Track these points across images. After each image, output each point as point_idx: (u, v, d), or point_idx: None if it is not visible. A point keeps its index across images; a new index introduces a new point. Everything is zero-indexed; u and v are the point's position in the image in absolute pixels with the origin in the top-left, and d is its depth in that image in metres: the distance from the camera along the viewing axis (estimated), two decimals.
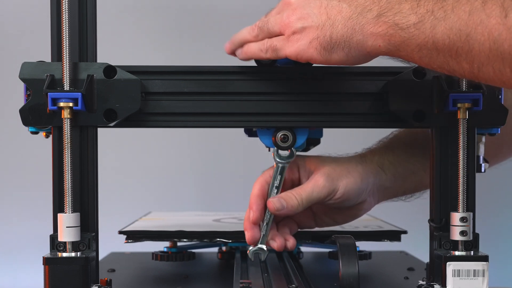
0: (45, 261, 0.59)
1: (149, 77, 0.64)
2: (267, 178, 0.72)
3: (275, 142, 0.68)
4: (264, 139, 0.70)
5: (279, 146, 0.68)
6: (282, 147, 0.68)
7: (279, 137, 0.68)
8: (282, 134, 0.68)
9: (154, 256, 0.81)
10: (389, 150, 0.77)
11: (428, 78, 0.63)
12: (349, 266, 0.58)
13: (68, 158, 0.60)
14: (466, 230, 0.61)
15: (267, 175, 0.72)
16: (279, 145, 0.68)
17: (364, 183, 0.72)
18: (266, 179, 0.72)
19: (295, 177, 0.73)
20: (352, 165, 0.73)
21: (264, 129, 0.69)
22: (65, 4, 0.60)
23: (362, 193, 0.73)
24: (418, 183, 0.76)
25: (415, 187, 0.77)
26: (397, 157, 0.76)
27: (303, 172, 0.73)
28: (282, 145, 0.68)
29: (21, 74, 0.62)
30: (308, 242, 0.79)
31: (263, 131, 0.69)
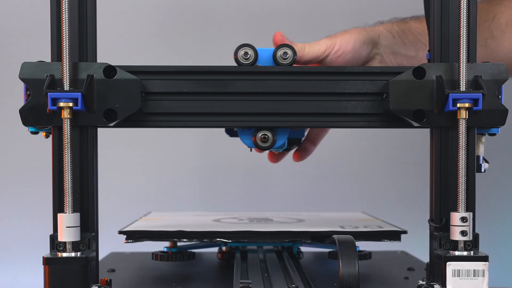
0: (45, 261, 0.59)
1: (149, 77, 0.64)
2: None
3: (255, 142, 0.68)
4: (244, 139, 0.70)
5: (259, 146, 0.68)
6: (262, 147, 0.68)
7: (259, 137, 0.68)
8: (262, 134, 0.68)
9: (154, 256, 0.81)
10: (401, 21, 0.84)
11: (428, 78, 0.63)
12: (349, 266, 0.58)
13: (68, 158, 0.60)
14: (466, 230, 0.61)
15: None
16: (259, 145, 0.68)
17: (364, 39, 0.80)
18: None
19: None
20: (354, 28, 0.81)
21: (244, 129, 0.69)
22: (65, 4, 0.60)
23: (364, 48, 0.79)
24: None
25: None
26: (408, 27, 0.81)
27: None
28: (262, 145, 0.68)
29: (21, 74, 0.62)
30: (308, 242, 0.79)
31: (243, 131, 0.69)
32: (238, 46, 0.68)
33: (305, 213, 1.04)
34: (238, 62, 0.68)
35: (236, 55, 0.69)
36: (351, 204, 1.34)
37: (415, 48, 0.84)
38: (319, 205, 1.35)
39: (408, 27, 0.86)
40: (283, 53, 0.69)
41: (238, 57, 0.68)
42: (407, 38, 0.84)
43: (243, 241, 0.79)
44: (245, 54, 0.68)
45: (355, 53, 0.81)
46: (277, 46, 0.70)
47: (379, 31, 0.84)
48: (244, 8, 1.37)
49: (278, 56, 0.69)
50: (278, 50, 0.69)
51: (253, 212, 1.05)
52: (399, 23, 0.86)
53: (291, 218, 0.95)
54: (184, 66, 0.67)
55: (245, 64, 0.68)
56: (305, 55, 0.79)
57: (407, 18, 0.88)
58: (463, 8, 0.61)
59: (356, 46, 0.81)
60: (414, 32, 0.85)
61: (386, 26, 0.85)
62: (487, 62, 0.64)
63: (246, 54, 0.68)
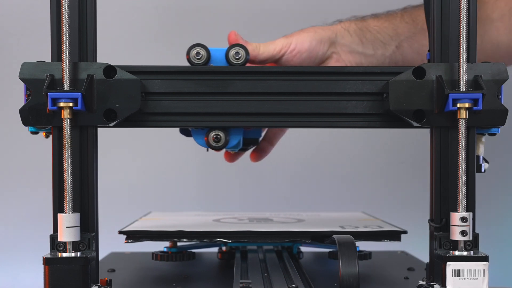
0: (45, 261, 0.59)
1: (149, 77, 0.65)
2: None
3: (207, 142, 0.68)
4: (198, 139, 0.70)
5: (211, 146, 0.68)
6: (214, 147, 0.68)
7: (211, 137, 0.68)
8: (214, 134, 0.68)
9: (154, 256, 0.81)
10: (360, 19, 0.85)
11: (428, 78, 0.63)
12: (349, 266, 0.58)
13: (68, 158, 0.60)
14: (466, 230, 0.61)
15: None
16: (211, 145, 0.68)
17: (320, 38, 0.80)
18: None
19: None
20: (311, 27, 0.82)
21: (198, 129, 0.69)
22: (65, 4, 0.60)
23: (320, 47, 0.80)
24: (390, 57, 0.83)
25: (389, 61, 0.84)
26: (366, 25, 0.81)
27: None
28: (214, 145, 0.68)
29: (21, 74, 0.62)
30: (308, 242, 0.79)
31: (197, 131, 0.69)
32: (190, 46, 0.68)
33: (305, 213, 1.04)
34: (190, 62, 0.68)
35: (188, 55, 0.68)
36: (351, 204, 1.34)
37: (373, 46, 0.84)
38: (319, 205, 1.35)
39: (366, 25, 0.85)
40: (235, 53, 0.69)
41: (190, 57, 0.68)
42: (365, 36, 0.84)
43: (243, 241, 0.79)
44: (197, 54, 0.68)
45: (311, 52, 0.81)
46: (230, 46, 0.70)
47: (336, 30, 0.84)
48: (244, 8, 1.37)
49: (230, 56, 0.69)
50: (231, 50, 0.69)
51: (253, 212, 1.05)
52: (357, 22, 0.86)
53: (291, 218, 0.95)
54: (184, 66, 0.67)
55: (197, 64, 0.68)
56: (260, 54, 0.80)
57: (367, 16, 0.88)
58: (463, 8, 0.61)
59: (312, 45, 0.81)
60: (372, 30, 0.85)
61: (344, 25, 0.85)
62: (487, 62, 0.64)
63: (198, 54, 0.68)
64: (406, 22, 0.86)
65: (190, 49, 0.68)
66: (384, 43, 0.84)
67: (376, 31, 0.85)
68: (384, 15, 0.88)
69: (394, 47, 0.84)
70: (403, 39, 0.85)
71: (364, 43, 0.83)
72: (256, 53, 0.79)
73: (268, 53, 0.80)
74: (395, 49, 0.84)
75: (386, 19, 0.87)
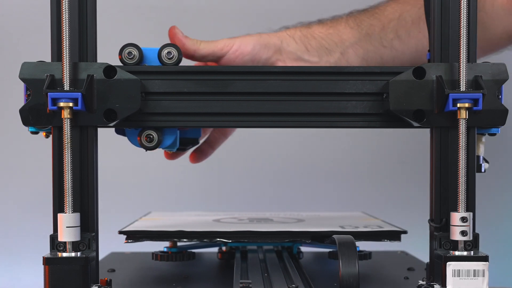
0: (45, 261, 0.59)
1: (149, 77, 0.64)
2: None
3: (140, 142, 0.68)
4: (131, 139, 0.70)
5: (145, 146, 0.68)
6: (148, 147, 0.68)
7: (143, 137, 0.67)
8: (146, 134, 0.67)
9: (154, 256, 0.81)
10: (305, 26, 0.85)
11: (428, 78, 0.63)
12: (349, 266, 0.58)
13: (68, 158, 0.60)
14: (466, 230, 0.61)
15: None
16: (144, 145, 0.68)
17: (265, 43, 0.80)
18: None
19: None
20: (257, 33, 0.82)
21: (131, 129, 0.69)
22: (65, 4, 0.60)
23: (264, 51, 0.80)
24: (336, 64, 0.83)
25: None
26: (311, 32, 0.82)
27: None
28: (147, 145, 0.68)
29: (21, 74, 0.62)
30: (308, 242, 0.79)
31: (131, 131, 0.69)
32: (122, 46, 0.67)
33: (305, 213, 1.04)
34: (123, 62, 0.67)
35: (120, 55, 0.68)
36: (351, 204, 1.34)
37: (318, 53, 0.84)
38: (319, 205, 1.35)
39: (311, 32, 0.85)
40: (167, 53, 0.68)
41: (122, 57, 0.67)
42: (310, 43, 0.84)
43: (243, 241, 0.79)
44: (129, 53, 0.67)
45: (254, 56, 0.81)
46: (162, 46, 0.69)
47: (282, 37, 0.83)
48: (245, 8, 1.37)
49: (163, 55, 0.68)
50: (163, 50, 0.68)
51: (253, 212, 1.05)
52: (302, 28, 0.86)
53: (291, 218, 0.95)
54: (184, 66, 0.67)
55: (130, 63, 0.67)
56: (199, 49, 0.80)
57: (313, 22, 0.87)
58: (463, 8, 0.61)
59: (255, 48, 0.81)
60: (317, 37, 0.84)
61: (289, 32, 0.84)
62: (487, 62, 0.64)
63: (130, 53, 0.67)
64: (350, 27, 0.86)
65: (122, 49, 0.67)
66: (329, 50, 0.83)
67: (321, 38, 0.84)
68: (330, 21, 0.87)
69: (339, 54, 0.84)
70: (348, 45, 0.85)
71: (309, 50, 0.83)
72: (196, 47, 0.79)
73: (208, 49, 0.80)
74: (340, 56, 0.83)
75: (331, 25, 0.86)
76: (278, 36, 0.83)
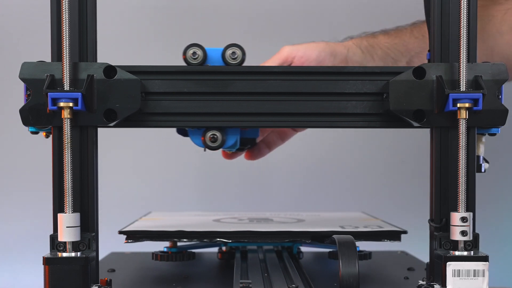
0: (45, 261, 0.59)
1: (149, 77, 0.64)
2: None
3: (204, 142, 0.68)
4: (195, 139, 0.70)
5: (208, 146, 0.68)
6: (211, 147, 0.68)
7: (208, 137, 0.68)
8: (211, 134, 0.67)
9: (154, 256, 0.81)
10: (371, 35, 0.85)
11: (428, 78, 0.63)
12: (349, 266, 0.58)
13: (68, 158, 0.60)
14: (466, 230, 0.61)
15: None
16: (208, 145, 0.68)
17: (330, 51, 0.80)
18: None
19: None
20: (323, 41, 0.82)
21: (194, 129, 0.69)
22: (65, 4, 0.60)
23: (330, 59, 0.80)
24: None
25: None
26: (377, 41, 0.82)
27: None
28: (211, 145, 0.68)
29: (21, 74, 0.62)
30: (308, 242, 0.79)
31: (194, 131, 0.69)
32: (186, 46, 0.68)
33: (305, 213, 1.04)
34: (186, 62, 0.68)
35: (184, 55, 0.68)
36: (351, 204, 1.34)
37: (384, 63, 0.85)
38: (319, 205, 1.35)
39: (377, 42, 0.86)
40: (231, 53, 0.69)
41: (186, 57, 0.68)
42: (376, 53, 0.84)
43: (243, 241, 0.79)
44: (193, 54, 0.68)
45: (319, 63, 0.81)
46: (226, 46, 0.69)
47: (348, 46, 0.84)
48: (245, 8, 1.37)
49: (227, 56, 0.69)
50: (227, 50, 0.69)
51: (253, 212, 1.05)
52: (368, 38, 0.86)
53: (291, 218, 0.95)
54: (184, 66, 0.67)
55: (193, 64, 0.68)
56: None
57: (377, 32, 0.88)
58: (463, 8, 0.61)
59: (321, 55, 0.81)
60: (383, 47, 0.85)
61: (355, 41, 0.85)
62: (487, 62, 0.64)
63: (195, 54, 0.68)
64: (415, 37, 0.87)
65: (186, 49, 0.68)
66: (395, 59, 0.84)
67: (387, 48, 0.85)
68: (394, 31, 0.88)
69: (405, 63, 0.85)
70: (413, 54, 0.86)
71: (375, 59, 0.84)
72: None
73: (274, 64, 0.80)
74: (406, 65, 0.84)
75: (396, 35, 0.87)
76: (344, 45, 0.84)
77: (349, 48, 0.83)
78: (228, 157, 0.91)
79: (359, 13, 1.33)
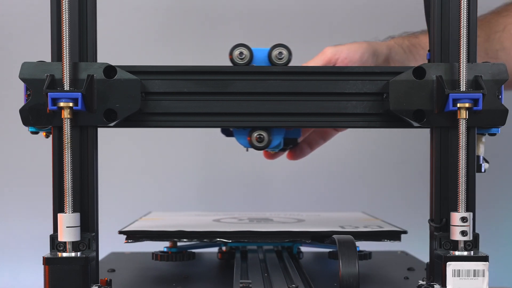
0: (45, 261, 0.59)
1: (149, 77, 0.64)
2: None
3: (250, 142, 0.68)
4: (240, 139, 0.70)
5: (254, 146, 0.68)
6: (257, 147, 0.68)
7: (254, 137, 0.68)
8: (257, 134, 0.67)
9: (154, 256, 0.81)
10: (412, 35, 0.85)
11: (428, 78, 0.63)
12: (349, 266, 0.58)
13: (68, 158, 0.60)
14: (466, 230, 0.61)
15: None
16: (254, 145, 0.68)
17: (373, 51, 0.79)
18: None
19: None
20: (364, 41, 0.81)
21: (240, 129, 0.69)
22: (65, 4, 0.60)
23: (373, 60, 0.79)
24: None
25: None
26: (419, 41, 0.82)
27: None
28: (257, 145, 0.68)
29: (21, 74, 0.62)
30: (308, 242, 0.79)
31: (239, 131, 0.69)
32: (233, 46, 0.68)
33: (305, 213, 1.04)
34: (233, 62, 0.68)
35: (231, 55, 0.68)
36: (351, 204, 1.34)
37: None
38: (319, 205, 1.35)
39: (418, 41, 0.85)
40: (278, 53, 0.69)
41: (233, 57, 0.68)
42: (418, 53, 0.84)
43: (243, 241, 0.79)
44: (240, 54, 0.68)
45: (362, 64, 0.80)
46: (273, 46, 0.69)
47: (390, 46, 0.83)
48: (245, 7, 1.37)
49: (273, 56, 0.69)
50: (273, 50, 0.69)
51: (253, 212, 1.05)
52: (410, 38, 0.86)
53: (291, 218, 0.95)
54: (184, 66, 0.67)
55: (240, 64, 0.68)
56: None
57: (417, 32, 0.88)
58: (463, 8, 0.61)
59: (364, 56, 0.80)
60: (425, 46, 0.84)
61: (397, 41, 0.84)
62: (487, 62, 0.64)
63: (241, 54, 0.68)
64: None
65: (233, 49, 0.68)
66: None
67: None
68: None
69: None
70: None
71: (417, 59, 0.83)
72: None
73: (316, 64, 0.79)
74: None
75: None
76: (386, 45, 0.83)
77: (391, 48, 0.83)
78: (270, 157, 0.91)
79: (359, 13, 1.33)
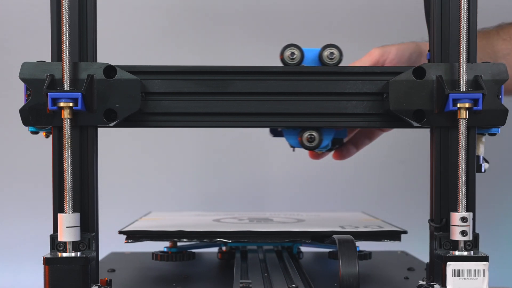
0: (45, 261, 0.59)
1: (149, 77, 0.64)
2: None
3: (301, 142, 0.68)
4: (290, 139, 0.70)
5: (305, 147, 0.68)
6: (308, 147, 0.68)
7: (305, 138, 0.68)
8: (308, 134, 0.68)
9: (154, 256, 0.81)
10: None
11: (428, 78, 0.63)
12: (349, 266, 0.58)
13: (68, 158, 0.60)
14: (466, 230, 0.61)
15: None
16: (305, 146, 0.68)
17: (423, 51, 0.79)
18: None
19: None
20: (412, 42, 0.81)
21: (289, 129, 0.69)
22: (65, 4, 0.60)
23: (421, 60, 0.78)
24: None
25: None
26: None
27: None
28: (308, 145, 0.68)
29: (21, 74, 0.62)
30: (308, 242, 0.79)
31: (289, 131, 0.69)
32: (284, 46, 0.67)
33: (305, 213, 1.04)
34: (284, 63, 0.68)
35: (282, 55, 0.68)
36: (351, 204, 1.34)
37: None
38: (319, 205, 1.35)
39: None
40: (329, 53, 0.68)
41: (284, 58, 0.68)
42: None
43: (243, 241, 0.79)
44: (291, 54, 0.67)
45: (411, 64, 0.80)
46: (323, 46, 0.68)
47: None
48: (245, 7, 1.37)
49: (324, 56, 0.68)
50: (324, 50, 0.68)
51: (253, 212, 1.05)
52: None
53: (291, 218, 0.95)
54: (184, 66, 0.67)
55: (291, 64, 0.67)
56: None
57: None
58: (463, 8, 0.61)
59: (412, 57, 0.80)
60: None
61: None
62: (487, 62, 0.64)
63: (293, 54, 0.67)
64: (503, 39, 0.87)
65: (284, 50, 0.67)
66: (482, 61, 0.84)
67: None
68: (481, 32, 0.87)
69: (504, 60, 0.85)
70: (501, 56, 0.86)
71: None
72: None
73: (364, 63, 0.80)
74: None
75: (483, 36, 0.87)
76: None
77: None
78: (316, 157, 0.91)
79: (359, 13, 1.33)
